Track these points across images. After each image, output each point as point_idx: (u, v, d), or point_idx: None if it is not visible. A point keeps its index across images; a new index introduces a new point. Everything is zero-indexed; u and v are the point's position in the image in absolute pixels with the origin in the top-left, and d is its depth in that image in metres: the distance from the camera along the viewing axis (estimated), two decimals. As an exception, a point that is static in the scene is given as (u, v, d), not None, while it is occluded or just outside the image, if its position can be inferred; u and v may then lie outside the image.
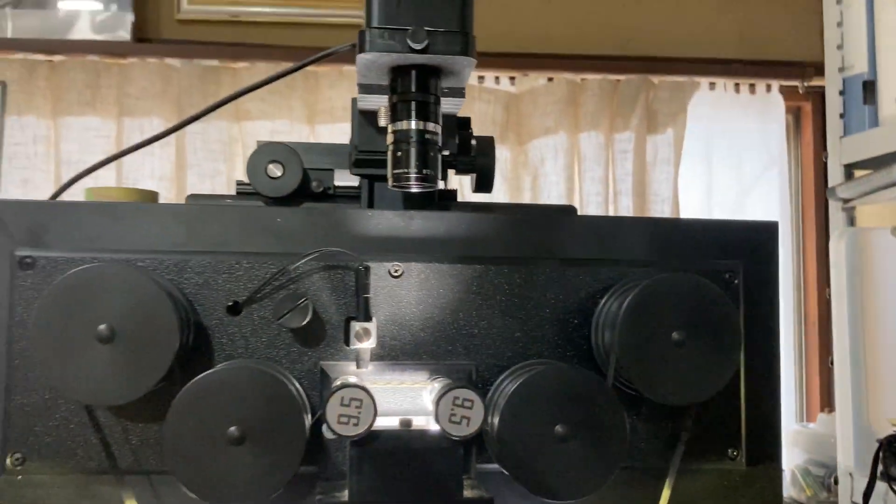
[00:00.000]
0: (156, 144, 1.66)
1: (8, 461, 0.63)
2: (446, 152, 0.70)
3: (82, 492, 0.64)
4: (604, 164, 1.82)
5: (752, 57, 1.96)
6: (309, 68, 1.81)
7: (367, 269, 0.63)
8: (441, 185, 0.77)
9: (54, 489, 0.64)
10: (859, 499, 1.15)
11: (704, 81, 1.91)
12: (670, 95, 1.87)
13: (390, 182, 0.64)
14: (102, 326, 0.57)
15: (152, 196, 0.76)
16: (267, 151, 0.74)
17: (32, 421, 0.63)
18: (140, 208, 0.67)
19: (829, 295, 1.22)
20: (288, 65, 1.72)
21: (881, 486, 1.12)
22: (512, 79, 1.89)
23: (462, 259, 0.69)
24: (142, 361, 0.57)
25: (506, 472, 0.63)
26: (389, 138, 0.64)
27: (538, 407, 0.59)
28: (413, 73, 0.61)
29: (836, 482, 1.24)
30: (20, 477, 0.63)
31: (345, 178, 0.79)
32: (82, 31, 1.77)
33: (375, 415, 0.53)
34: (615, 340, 0.61)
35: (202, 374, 0.58)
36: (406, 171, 0.62)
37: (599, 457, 0.60)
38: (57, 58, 1.74)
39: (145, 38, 1.82)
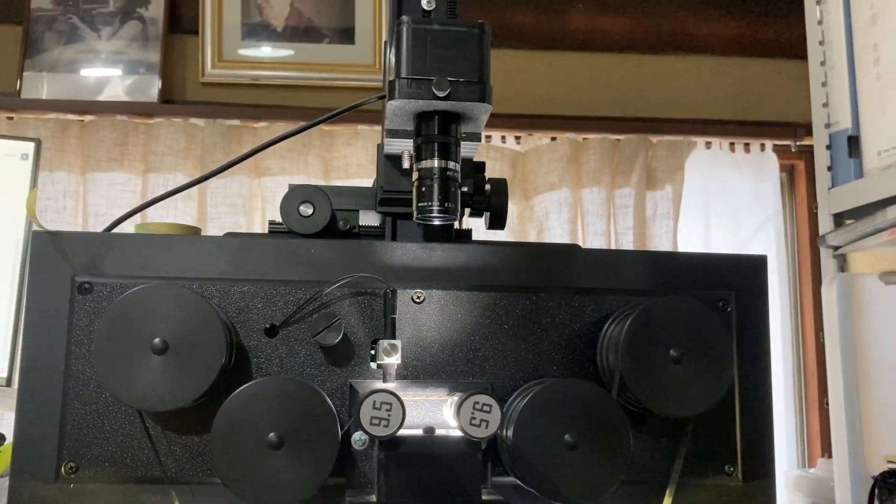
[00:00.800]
0: (178, 199, 1.75)
1: (62, 469, 0.69)
2: (464, 189, 0.77)
3: (129, 499, 0.70)
4: (605, 219, 1.91)
5: (746, 118, 2.06)
6: (324, 127, 1.91)
7: (394, 292, 0.69)
8: (457, 224, 0.85)
9: (104, 496, 0.69)
10: (858, 535, 1.19)
11: (701, 141, 2.01)
12: (668, 154, 1.96)
13: (415, 215, 0.72)
14: (157, 339, 0.63)
15: (196, 231, 0.83)
16: (299, 192, 0.82)
17: (86, 432, 0.69)
18: (187, 240, 0.74)
19: (823, 338, 1.28)
20: (303, 124, 1.82)
21: (878, 521, 1.16)
22: (517, 138, 1.99)
23: (478, 287, 0.75)
24: (191, 372, 0.64)
25: (519, 481, 0.68)
26: (414, 176, 0.72)
27: (549, 417, 0.65)
28: (436, 117, 0.69)
29: (835, 520, 1.28)
30: (73, 485, 0.69)
31: (368, 219, 0.86)
32: (112, 93, 1.88)
33: (404, 416, 0.59)
34: (619, 358, 0.68)
35: (245, 385, 0.64)
36: (429, 203, 0.69)
37: (606, 464, 0.65)
38: (88, 118, 1.84)
39: (171, 100, 1.93)
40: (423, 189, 0.70)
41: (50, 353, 0.70)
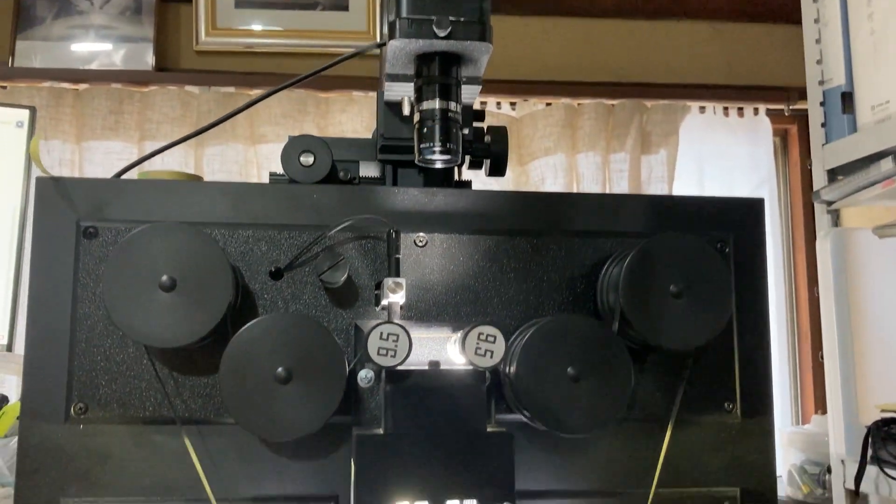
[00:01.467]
0: (175, 165, 1.75)
1: (72, 410, 0.70)
2: (465, 131, 0.78)
3: (139, 440, 0.71)
4: (601, 183, 1.91)
5: (740, 82, 2.07)
6: (321, 94, 1.91)
7: (398, 232, 0.70)
8: (456, 175, 0.86)
9: (114, 437, 0.70)
10: (852, 484, 1.21)
11: (695, 105, 2.01)
12: (662, 118, 1.97)
13: (417, 157, 0.72)
14: (165, 277, 0.64)
15: (198, 179, 0.84)
16: (299, 142, 0.82)
17: (94, 374, 0.70)
18: (190, 185, 0.75)
19: (818, 292, 1.30)
20: (299, 91, 1.81)
21: (872, 469, 1.18)
22: (513, 104, 1.99)
23: (479, 231, 0.76)
24: (199, 309, 0.65)
25: (522, 416, 0.70)
26: (415, 118, 0.72)
27: (552, 351, 0.66)
28: (437, 58, 0.70)
29: (829, 471, 1.30)
30: (82, 426, 0.70)
31: (368, 170, 0.87)
32: (106, 62, 1.87)
33: (411, 347, 0.60)
34: (619, 294, 0.69)
35: (253, 321, 0.65)
36: (431, 145, 0.70)
37: (608, 396, 0.67)
38: (82, 86, 1.83)
39: (166, 68, 1.92)
40: (425, 130, 0.71)
41: (56, 297, 0.71)
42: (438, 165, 0.74)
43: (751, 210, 0.81)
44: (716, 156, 2.00)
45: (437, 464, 0.64)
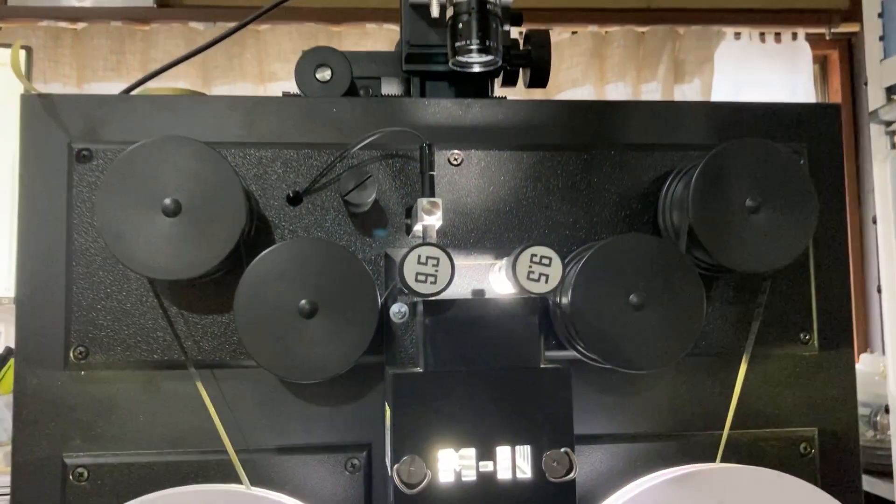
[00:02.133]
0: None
1: (71, 355, 0.62)
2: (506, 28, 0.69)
3: (148, 386, 0.63)
4: (631, 116, 1.81)
5: (777, 6, 1.94)
6: (332, 28, 1.81)
7: (431, 146, 0.62)
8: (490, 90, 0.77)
9: (119, 384, 0.63)
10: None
11: (730, 31, 1.89)
12: (696, 45, 1.85)
13: (450, 58, 0.63)
14: (168, 200, 0.56)
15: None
16: (315, 55, 0.73)
17: (94, 313, 0.63)
18: (196, 100, 0.66)
19: (876, 219, 1.20)
20: (309, 24, 1.71)
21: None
22: (535, 34, 1.88)
23: (522, 146, 0.67)
24: (207, 236, 0.56)
25: (577, 351, 0.61)
26: (448, 13, 0.63)
27: (611, 276, 0.58)
28: (473, -59, 0.60)
29: (886, 411, 1.22)
30: (84, 372, 0.63)
31: (391, 88, 0.78)
32: (105, 1, 1.77)
33: (453, 272, 0.52)
34: (687, 210, 0.60)
35: (272, 247, 0.57)
36: (468, 42, 0.61)
37: (676, 326, 0.58)
38: (80, 25, 1.74)
39: (167, 4, 1.82)
40: (460, 26, 0.61)
41: (49, 229, 0.63)
42: (476, 68, 0.65)
43: (827, 115, 0.71)
44: (752, 84, 1.89)
45: (483, 406, 0.56)
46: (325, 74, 0.73)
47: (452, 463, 0.56)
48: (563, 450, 0.56)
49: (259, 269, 0.56)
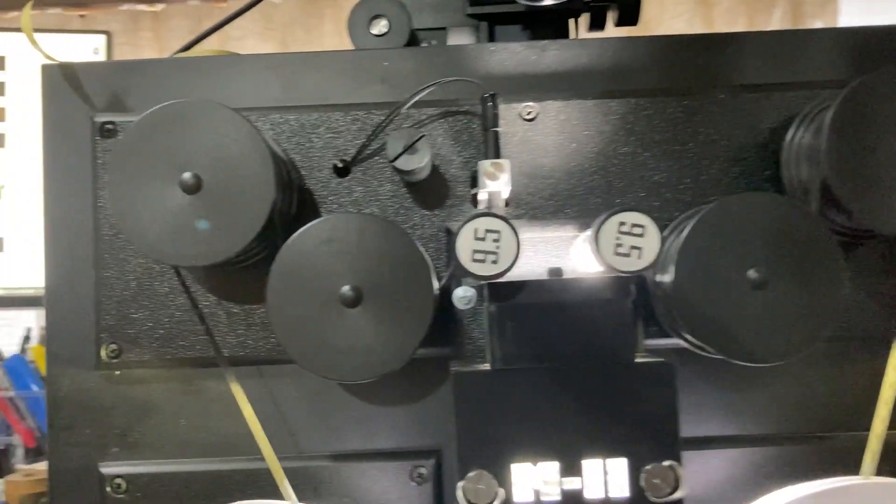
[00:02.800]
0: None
1: (103, 353, 0.56)
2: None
3: (187, 387, 0.56)
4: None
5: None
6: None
7: (494, 97, 0.51)
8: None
9: (156, 385, 0.56)
10: None
11: (857, -35, 1.69)
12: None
13: (518, -10, 0.53)
14: (187, 174, 0.48)
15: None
16: (370, 4, 0.64)
17: (125, 306, 0.56)
18: (228, 61, 0.58)
19: None
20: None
21: None
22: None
23: (610, 94, 0.56)
24: (232, 215, 0.48)
25: (683, 339, 0.50)
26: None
27: (725, 246, 0.46)
28: None
29: None
30: (118, 372, 0.56)
31: (460, 38, 0.67)
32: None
33: (518, 248, 0.42)
34: (821, 157, 0.47)
35: (307, 225, 0.48)
36: (536, -32, 0.50)
37: (808, 306, 0.46)
38: (159, 6, 1.71)
39: (245, -20, 1.77)
40: (527, -51, 0.51)
41: (74, 213, 0.56)
42: (549, 0, 0.54)
43: None
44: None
45: (566, 410, 0.46)
46: (381, 27, 0.63)
47: (530, 480, 0.46)
48: (666, 463, 0.45)
49: (292, 252, 0.47)
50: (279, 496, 0.52)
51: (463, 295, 0.51)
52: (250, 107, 0.56)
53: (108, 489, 0.55)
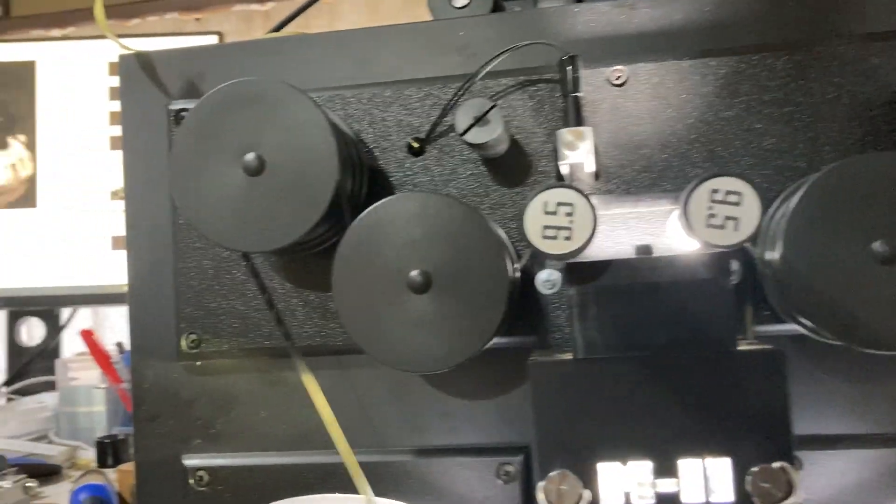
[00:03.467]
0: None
1: (183, 344, 0.55)
2: None
3: (265, 378, 0.55)
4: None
5: None
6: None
7: (574, 58, 0.47)
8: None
9: (235, 375, 0.55)
10: None
11: None
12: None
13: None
14: (250, 155, 0.46)
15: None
16: (450, -25, 0.60)
17: (203, 296, 0.55)
18: (298, 40, 0.56)
19: None
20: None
21: None
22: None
23: (708, 52, 0.50)
24: (295, 197, 0.46)
25: (798, 322, 0.44)
26: None
27: (845, 215, 0.40)
28: None
29: None
30: (199, 363, 0.55)
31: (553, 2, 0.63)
32: (292, -22, 1.76)
33: (595, 224, 0.37)
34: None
35: (374, 206, 0.45)
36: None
37: (951, 285, 0.39)
38: (269, 5, 1.74)
39: (351, -26, 1.77)
40: None
41: (153, 202, 0.56)
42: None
43: None
44: None
45: (659, 404, 0.41)
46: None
47: (619, 481, 0.41)
48: (777, 465, 0.39)
49: (358, 235, 0.45)
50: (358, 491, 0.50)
51: (547, 279, 0.47)
52: (323, 86, 0.54)
53: (191, 481, 0.54)
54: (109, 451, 0.95)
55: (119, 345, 1.19)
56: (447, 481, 0.52)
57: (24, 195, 1.32)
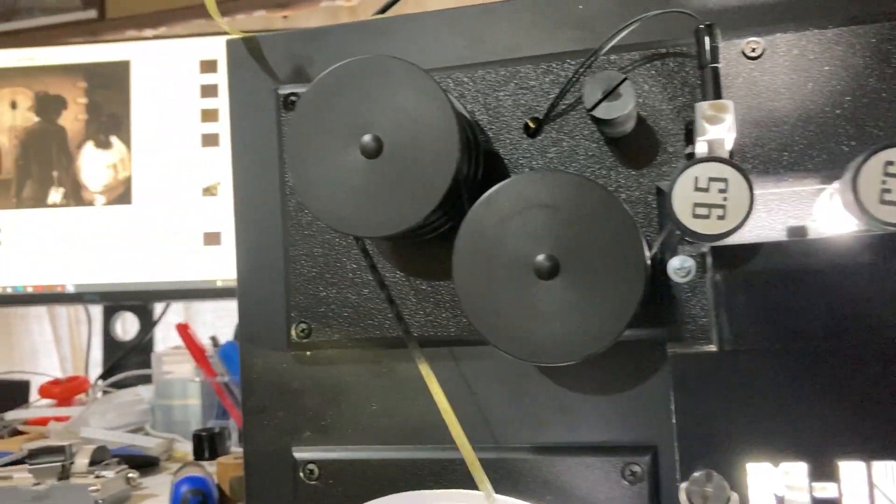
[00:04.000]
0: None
1: (293, 333, 0.54)
2: None
3: (378, 369, 0.53)
4: None
5: None
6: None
7: (712, 27, 0.43)
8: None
9: (346, 366, 0.53)
10: None
11: None
12: None
13: None
14: (368, 136, 0.44)
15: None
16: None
17: (313, 283, 0.53)
18: (412, 19, 0.54)
19: None
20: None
21: None
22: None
23: (855, 19, 0.46)
24: (414, 180, 0.44)
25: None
26: None
27: None
28: None
29: None
30: (309, 352, 0.54)
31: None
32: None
33: (752, 201, 0.34)
34: None
35: (495, 187, 0.43)
36: None
37: None
38: (355, 1, 1.75)
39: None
40: None
41: (262, 188, 0.55)
42: None
43: None
44: None
45: (815, 399, 0.37)
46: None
47: (770, 484, 0.38)
48: (957, 470, 0.35)
49: (479, 218, 0.42)
50: (474, 487, 0.48)
51: (680, 266, 0.44)
52: (434, 67, 0.52)
53: (301, 475, 0.53)
54: (206, 444, 0.96)
55: (213, 338, 1.19)
56: (568, 481, 0.49)
57: (123, 193, 1.34)
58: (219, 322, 1.74)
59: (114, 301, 1.39)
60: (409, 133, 0.44)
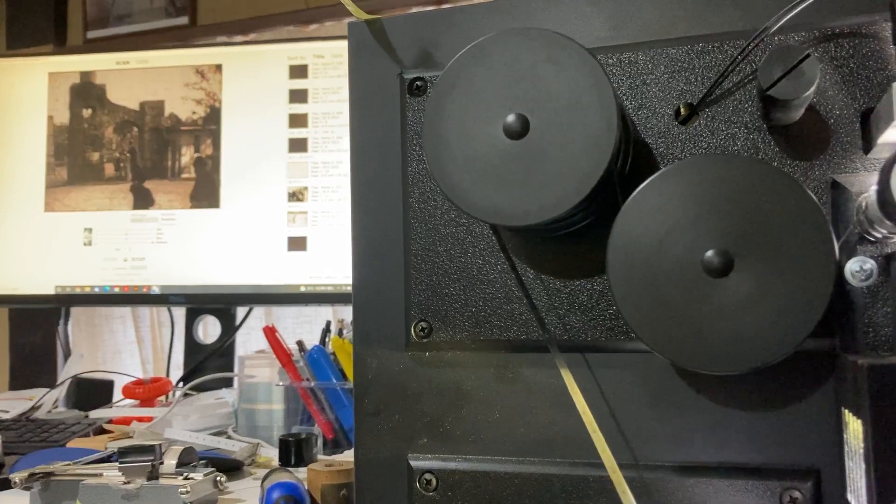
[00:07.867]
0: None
1: (413, 332, 0.50)
2: None
3: (503, 373, 0.49)
4: None
5: None
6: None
7: (912, -2, 0.38)
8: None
9: (469, 369, 0.49)
10: None
11: None
12: None
13: None
14: (512, 116, 0.40)
15: None
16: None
17: (436, 279, 0.50)
18: (548, 1, 0.50)
19: None
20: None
21: None
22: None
23: None
24: (564, 164, 0.39)
25: None
26: None
27: None
28: None
29: None
30: (428, 353, 0.50)
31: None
32: None
33: None
34: None
35: (656, 175, 0.38)
36: None
37: None
38: (446, 5, 1.73)
39: None
40: None
41: (383, 179, 0.52)
42: None
43: None
44: None
45: None
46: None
47: None
48: None
49: (639, 209, 0.38)
50: (612, 509, 0.43)
51: (860, 268, 0.39)
52: (574, 50, 0.48)
53: (417, 485, 0.49)
54: (292, 450, 0.93)
55: (300, 343, 1.17)
56: (717, 505, 0.44)
57: (211, 196, 1.34)
58: (299, 329, 1.73)
59: (198, 303, 1.38)
60: (560, 115, 0.40)
